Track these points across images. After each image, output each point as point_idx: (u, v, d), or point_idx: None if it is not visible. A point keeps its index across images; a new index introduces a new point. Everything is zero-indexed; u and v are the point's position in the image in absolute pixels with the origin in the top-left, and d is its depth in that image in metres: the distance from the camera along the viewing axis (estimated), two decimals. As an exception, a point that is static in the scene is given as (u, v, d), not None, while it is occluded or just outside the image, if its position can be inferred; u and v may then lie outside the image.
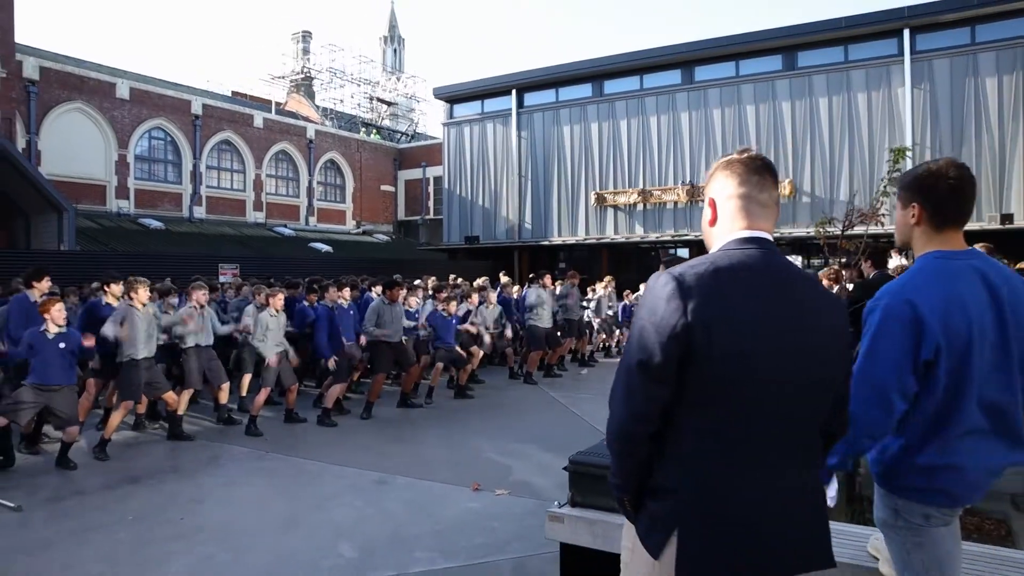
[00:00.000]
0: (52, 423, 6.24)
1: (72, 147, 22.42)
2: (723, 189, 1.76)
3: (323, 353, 7.88)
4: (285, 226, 29.58)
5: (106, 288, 7.33)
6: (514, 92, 29.44)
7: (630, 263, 27.83)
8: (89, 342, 6.32)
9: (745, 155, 1.77)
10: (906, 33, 22.45)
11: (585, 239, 27.73)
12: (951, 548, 2.06)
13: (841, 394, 1.71)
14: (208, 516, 4.90)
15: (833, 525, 2.98)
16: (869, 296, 5.25)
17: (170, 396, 7.10)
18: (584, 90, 28.60)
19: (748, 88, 25.12)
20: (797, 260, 25.04)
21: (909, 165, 20.05)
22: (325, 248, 27.51)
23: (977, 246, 8.52)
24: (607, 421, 1.66)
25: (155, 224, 23.86)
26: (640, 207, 26.70)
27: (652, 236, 26.67)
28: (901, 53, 22.65)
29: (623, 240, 27.02)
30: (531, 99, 29.68)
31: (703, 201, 2.01)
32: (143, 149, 25.25)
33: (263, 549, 4.26)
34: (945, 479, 1.99)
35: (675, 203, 26.12)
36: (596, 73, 28.03)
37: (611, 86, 28.15)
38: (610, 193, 27.26)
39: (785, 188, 24.02)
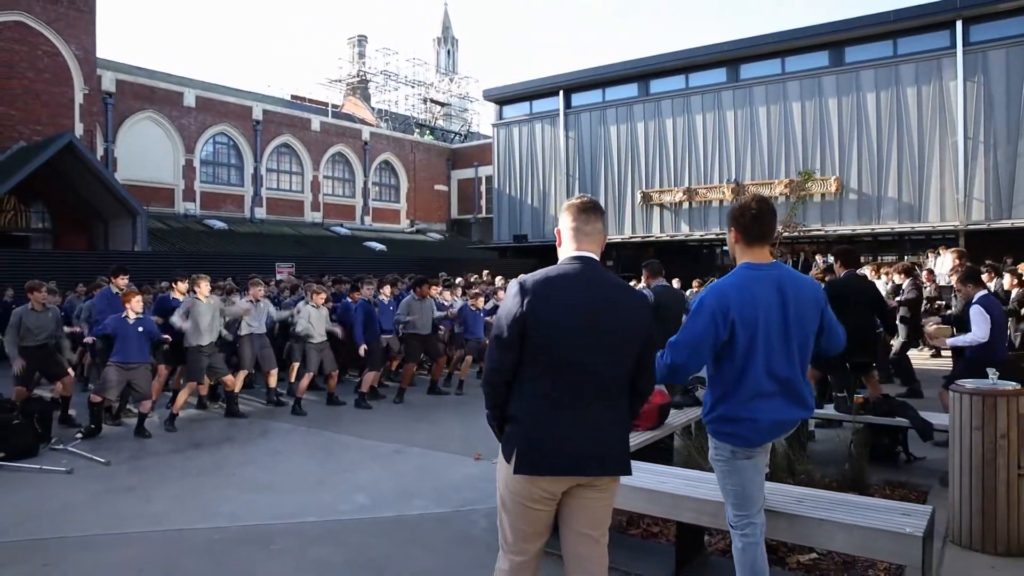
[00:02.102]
0: (132, 396, 7.47)
1: (144, 153, 24.09)
2: (564, 223, 2.61)
3: (358, 339, 8.93)
4: (341, 225, 30.83)
5: (173, 285, 8.61)
6: (561, 93, 30.00)
7: (676, 261, 28.13)
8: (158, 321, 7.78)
9: (578, 200, 2.60)
10: (959, 24, 21.97)
11: (632, 237, 28.17)
12: (752, 475, 2.85)
13: (645, 361, 2.53)
14: (254, 474, 5.87)
15: (702, 475, 3.73)
16: (835, 295, 5.95)
17: (228, 379, 8.20)
18: (630, 90, 28.94)
19: (794, 85, 25.06)
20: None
21: (821, 187, 19.65)
22: (379, 247, 28.62)
23: (950, 250, 8.97)
24: (482, 375, 2.52)
25: (219, 225, 25.34)
26: (686, 205, 27.01)
27: (698, 234, 26.93)
28: (953, 45, 22.20)
29: (668, 238, 27.32)
30: (578, 99, 30.18)
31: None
32: (208, 154, 26.86)
33: (295, 497, 5.21)
34: (742, 427, 2.79)
35: (721, 201, 26.28)
36: (642, 73, 28.30)
37: (657, 85, 28.40)
38: (656, 192, 27.64)
39: (831, 185, 23.97)
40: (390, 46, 52.11)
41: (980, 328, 5.95)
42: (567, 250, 2.58)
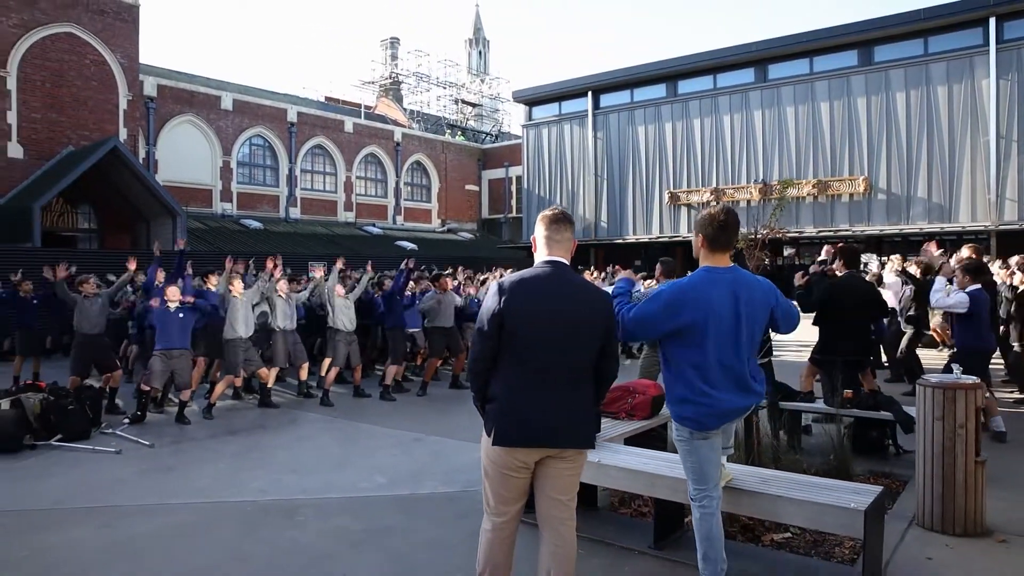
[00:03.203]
0: (174, 385, 8.07)
1: (183, 155, 24.96)
2: (538, 232, 3.04)
3: (379, 305, 9.60)
4: (373, 225, 31.45)
5: (206, 279, 9.24)
6: (590, 94, 30.24)
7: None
8: (188, 300, 8.26)
9: (550, 212, 3.02)
10: (992, 22, 21.73)
11: (659, 237, 28.32)
12: (708, 454, 3.24)
13: (607, 349, 2.94)
14: (283, 457, 6.40)
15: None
16: (835, 294, 6.25)
17: (263, 371, 8.77)
18: (658, 90, 29.07)
19: (822, 85, 25.01)
20: (873, 258, 24.87)
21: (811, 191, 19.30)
22: (411, 246, 29.13)
23: (966, 248, 9.10)
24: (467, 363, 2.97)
25: (255, 224, 26.12)
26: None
27: (725, 234, 27.02)
28: (986, 43, 21.98)
29: (695, 237, 27.42)
30: (607, 100, 30.39)
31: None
32: (244, 155, 27.66)
33: (319, 476, 5.72)
34: (696, 412, 3.17)
35: (748, 201, 26.27)
36: (670, 73, 28.42)
37: (685, 86, 28.50)
38: (683, 192, 27.78)
39: (859, 185, 23.93)
40: (422, 48, 52.88)
41: (955, 297, 6.26)
42: (540, 255, 3.02)
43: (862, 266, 21.23)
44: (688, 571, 3.70)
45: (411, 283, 10.43)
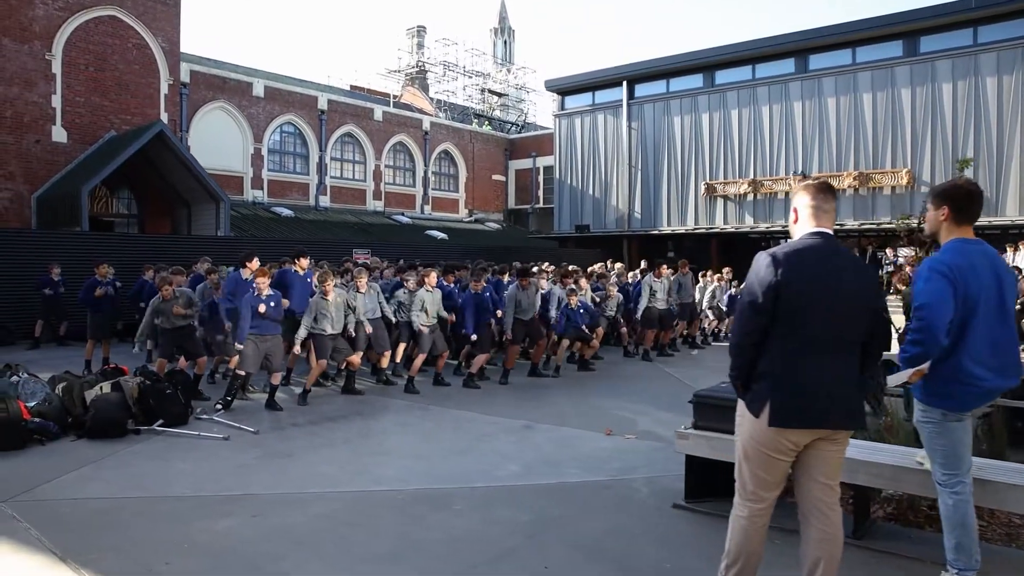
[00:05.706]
0: (266, 367, 7.81)
1: (215, 142, 24.80)
2: (802, 202, 2.83)
3: (468, 330, 9.27)
4: (402, 214, 31.29)
5: (296, 261, 9.13)
6: (625, 84, 29.87)
7: (739, 253, 27.64)
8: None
9: (815, 182, 2.82)
10: (1048, 10, 21.43)
11: (695, 228, 28.01)
12: (961, 436, 3.03)
13: (876, 324, 2.73)
14: (396, 443, 6.24)
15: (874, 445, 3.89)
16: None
17: (352, 358, 8.52)
18: (695, 81, 28.70)
19: (865, 76, 24.62)
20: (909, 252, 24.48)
21: (968, 173, 18.73)
22: (440, 235, 29.00)
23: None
24: (730, 338, 2.76)
25: (286, 212, 25.99)
26: (751, 197, 26.76)
27: (762, 226, 26.65)
28: (1041, 32, 21.69)
29: (732, 230, 27.08)
30: (642, 90, 30.02)
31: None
32: (275, 143, 27.48)
33: (446, 463, 5.53)
34: (953, 392, 2.95)
35: (786, 193, 25.91)
36: (707, 63, 28.06)
37: (722, 76, 28.12)
38: (720, 183, 27.43)
39: (902, 178, 23.57)
40: (448, 36, 52.65)
41: None
42: (805, 227, 2.83)
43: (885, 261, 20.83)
44: (900, 561, 3.54)
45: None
